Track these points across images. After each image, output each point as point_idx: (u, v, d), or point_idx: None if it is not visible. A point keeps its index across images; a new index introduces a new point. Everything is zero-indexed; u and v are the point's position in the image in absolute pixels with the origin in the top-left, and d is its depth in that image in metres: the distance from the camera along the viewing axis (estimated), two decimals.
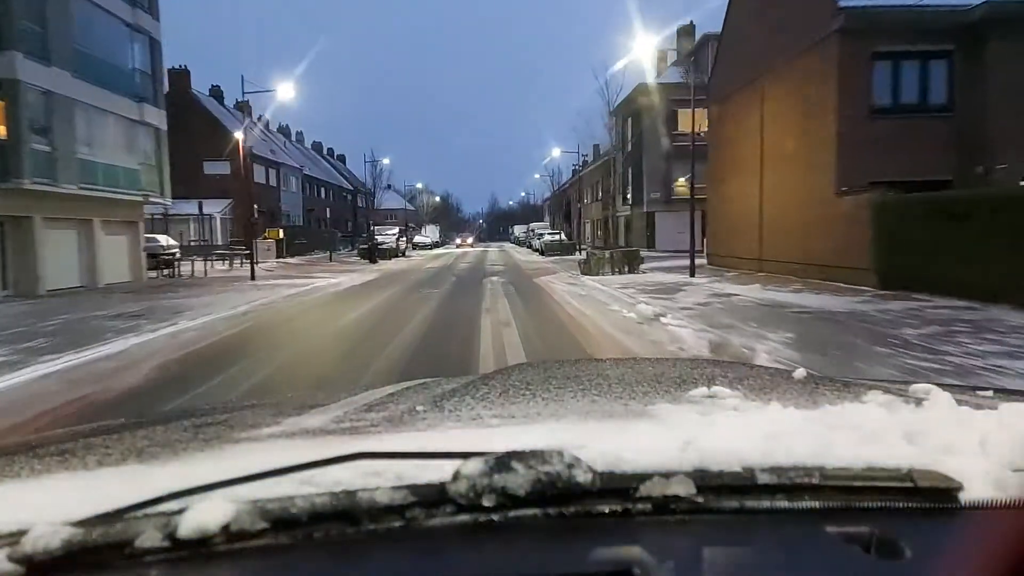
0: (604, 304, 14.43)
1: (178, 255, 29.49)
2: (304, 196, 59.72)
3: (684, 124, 34.02)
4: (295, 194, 57.31)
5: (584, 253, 23.56)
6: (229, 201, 43.13)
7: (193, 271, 27.89)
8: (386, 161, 64.02)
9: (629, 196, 44.10)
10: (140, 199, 23.81)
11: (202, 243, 39.27)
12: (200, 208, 40.08)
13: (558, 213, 76.00)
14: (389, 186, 79.77)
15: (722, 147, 23.69)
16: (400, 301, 16.28)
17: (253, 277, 23.09)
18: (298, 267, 32.68)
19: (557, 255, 41.19)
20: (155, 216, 35.38)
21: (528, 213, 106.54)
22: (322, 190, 67.19)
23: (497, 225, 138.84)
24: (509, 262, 35.47)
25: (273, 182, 51.31)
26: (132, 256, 23.91)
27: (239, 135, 31.90)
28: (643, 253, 27.85)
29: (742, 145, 21.62)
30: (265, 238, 38.71)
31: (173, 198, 26.79)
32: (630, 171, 43.75)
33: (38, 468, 1.13)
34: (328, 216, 66.05)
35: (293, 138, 72.21)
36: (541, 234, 53.14)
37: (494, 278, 23.21)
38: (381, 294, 18.25)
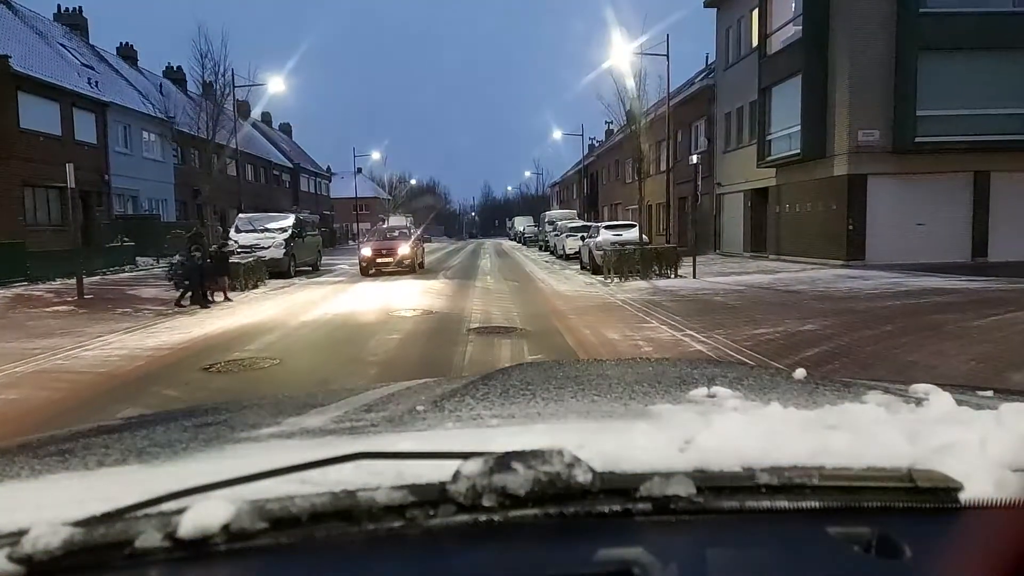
0: None
1: None
2: (183, 169, 36.21)
3: None
4: (160, 164, 34.91)
5: None
6: None
7: None
8: (278, 87, 30.51)
9: (773, 147, 23.25)
10: None
11: None
12: None
13: (577, 198, 53.08)
14: (359, 170, 64.08)
15: None
16: None
17: None
18: None
19: (635, 274, 18.22)
20: None
21: (523, 204, 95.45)
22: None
23: (492, 218, 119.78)
24: None
25: (90, 136, 29.05)
26: None
27: None
28: (844, 272, 15.11)
29: None
30: None
31: None
32: (772, 100, 23.31)
33: (38, 468, 1.13)
34: (247, 201, 34.74)
35: (201, 90, 36.59)
36: (587, 229, 27.45)
37: None
38: None
